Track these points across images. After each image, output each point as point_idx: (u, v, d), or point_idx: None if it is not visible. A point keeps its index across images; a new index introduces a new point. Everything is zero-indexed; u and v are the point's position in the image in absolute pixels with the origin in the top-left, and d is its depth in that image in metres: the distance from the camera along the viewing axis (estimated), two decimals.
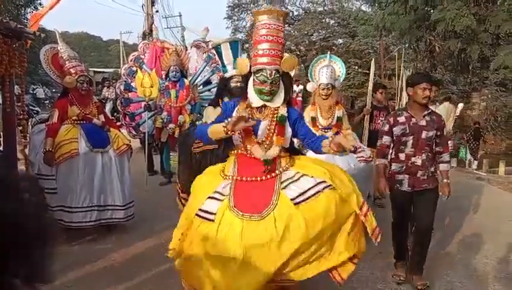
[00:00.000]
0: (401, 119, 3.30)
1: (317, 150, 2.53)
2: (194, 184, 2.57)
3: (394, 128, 3.31)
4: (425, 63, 11.09)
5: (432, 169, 3.33)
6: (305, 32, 21.58)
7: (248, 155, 2.43)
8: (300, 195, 2.25)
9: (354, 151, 4.08)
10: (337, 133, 4.17)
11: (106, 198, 4.23)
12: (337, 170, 2.55)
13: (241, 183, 2.36)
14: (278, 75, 2.40)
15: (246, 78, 2.52)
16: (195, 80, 6.20)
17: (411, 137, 3.26)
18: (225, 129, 2.29)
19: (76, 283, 3.31)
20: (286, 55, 2.45)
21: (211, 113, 3.94)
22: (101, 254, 3.86)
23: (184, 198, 3.86)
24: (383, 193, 3.42)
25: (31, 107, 11.60)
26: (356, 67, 20.08)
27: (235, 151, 2.51)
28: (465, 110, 13.48)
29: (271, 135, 2.44)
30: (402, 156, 3.30)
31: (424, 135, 3.24)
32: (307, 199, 2.23)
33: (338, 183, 2.36)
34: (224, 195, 2.32)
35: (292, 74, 2.73)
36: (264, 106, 2.47)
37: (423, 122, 3.26)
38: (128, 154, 4.49)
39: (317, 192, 2.25)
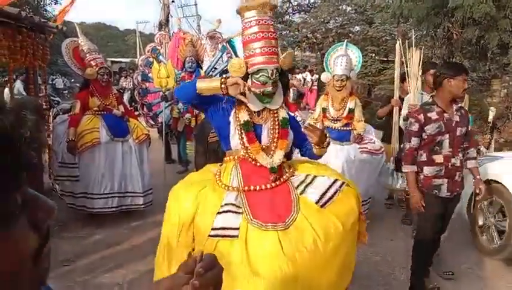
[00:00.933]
0: (433, 115, 2.86)
1: (313, 157, 2.38)
2: (176, 200, 2.20)
3: (426, 127, 2.86)
4: (443, 50, 10.91)
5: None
6: (322, 19, 21.29)
7: (252, 162, 2.20)
8: (322, 197, 2.12)
9: (359, 142, 4.15)
10: (346, 124, 4.21)
11: (126, 185, 4.41)
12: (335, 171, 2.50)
13: (251, 193, 2.13)
14: (278, 74, 2.20)
15: (244, 80, 2.19)
16: (210, 70, 6.29)
17: (447, 135, 2.86)
18: (223, 87, 2.08)
19: (99, 265, 3.50)
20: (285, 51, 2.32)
21: None
22: (122, 238, 4.04)
23: None
24: (418, 209, 2.94)
25: (51, 97, 11.87)
26: (373, 54, 19.77)
27: (234, 157, 2.25)
28: (486, 97, 13.24)
29: (275, 139, 2.25)
30: (439, 158, 2.89)
31: (458, 132, 2.88)
32: (330, 199, 2.12)
33: (348, 180, 2.32)
34: (239, 207, 2.07)
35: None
36: (263, 109, 2.28)
37: (457, 118, 2.90)
38: (147, 143, 4.65)
39: (336, 191, 2.15)
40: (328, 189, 2.15)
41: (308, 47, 22.91)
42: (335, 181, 2.19)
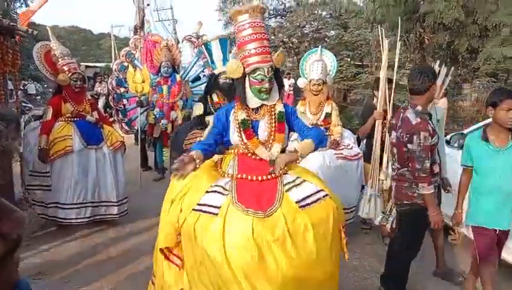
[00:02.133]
0: (431, 125, 2.80)
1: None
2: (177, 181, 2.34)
3: (433, 139, 2.75)
4: (416, 54, 11.17)
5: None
6: (298, 24, 21.50)
7: (250, 156, 2.38)
8: (303, 199, 2.24)
9: (335, 148, 4.15)
10: (324, 129, 4.21)
11: (100, 194, 4.31)
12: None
13: (242, 181, 2.32)
14: (273, 71, 2.38)
15: (240, 81, 2.40)
16: (187, 75, 6.24)
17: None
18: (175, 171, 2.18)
19: (73, 277, 3.39)
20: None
21: (198, 110, 4.03)
22: (98, 249, 3.94)
23: None
24: (439, 227, 2.84)
25: (23, 103, 11.55)
26: (348, 59, 20.07)
27: (235, 150, 2.44)
28: (457, 101, 13.60)
29: (272, 133, 2.41)
30: (436, 167, 2.87)
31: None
32: (310, 203, 2.23)
33: (332, 194, 2.39)
34: (227, 190, 2.26)
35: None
36: (260, 106, 2.44)
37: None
38: (121, 151, 4.55)
39: (319, 199, 2.26)
40: (311, 195, 2.27)
41: (285, 51, 23.08)
42: (320, 191, 2.31)
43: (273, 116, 2.43)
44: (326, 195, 2.30)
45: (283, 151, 2.49)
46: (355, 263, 3.75)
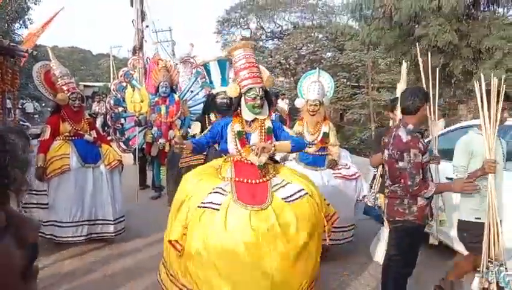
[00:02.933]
0: (423, 143, 2.84)
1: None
2: (189, 181, 2.93)
3: (424, 157, 2.81)
4: (411, 76, 11.35)
5: None
6: (294, 46, 21.84)
7: (244, 161, 2.92)
8: (289, 197, 2.76)
9: (333, 167, 4.19)
10: (322, 148, 4.26)
11: (97, 213, 4.29)
12: (311, 182, 3.07)
13: (240, 183, 2.82)
14: (263, 91, 2.98)
15: (237, 99, 3.05)
16: (185, 95, 6.30)
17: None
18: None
19: None
20: (265, 74, 3.16)
21: (195, 129, 4.08)
22: (94, 267, 3.90)
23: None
24: (474, 188, 2.76)
25: (21, 122, 11.57)
26: (345, 80, 20.34)
27: (231, 158, 2.98)
28: (453, 121, 13.74)
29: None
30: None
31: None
32: (294, 200, 2.74)
33: (313, 192, 2.88)
34: (226, 191, 2.74)
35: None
36: (253, 120, 3.03)
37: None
38: (119, 169, 4.55)
39: (299, 197, 2.76)
40: (294, 193, 2.79)
41: (282, 73, 23.35)
42: (300, 190, 2.82)
43: (263, 130, 3.03)
44: (306, 193, 2.80)
45: (271, 158, 3.07)
46: (356, 281, 3.75)
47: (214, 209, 2.62)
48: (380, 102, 17.20)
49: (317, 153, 4.22)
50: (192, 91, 6.33)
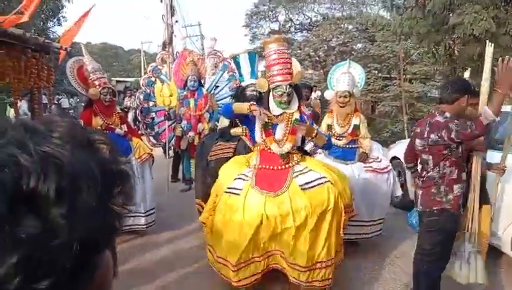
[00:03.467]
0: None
1: (319, 146, 3.48)
2: (222, 169, 3.26)
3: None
4: (445, 66, 10.96)
5: None
6: (324, 37, 21.50)
7: (268, 150, 3.11)
8: (306, 183, 2.91)
9: (364, 161, 4.11)
10: (352, 141, 4.19)
11: None
12: (339, 175, 3.18)
13: (261, 170, 3.05)
14: (291, 88, 3.06)
15: (266, 93, 3.17)
16: (212, 88, 6.34)
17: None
18: (248, 109, 3.04)
19: None
20: (296, 69, 3.24)
21: (224, 122, 4.07)
22: (126, 258, 3.97)
23: (198, 203, 3.99)
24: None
25: None
26: (376, 71, 19.89)
27: (258, 147, 3.20)
28: None
29: (286, 134, 3.11)
30: (464, 175, 2.81)
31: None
32: (311, 187, 2.90)
33: (336, 181, 3.00)
34: (248, 177, 3.01)
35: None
36: (281, 113, 3.14)
37: None
38: (150, 163, 4.62)
39: (319, 184, 2.90)
40: (314, 180, 2.93)
41: (311, 65, 23.08)
42: (321, 177, 2.95)
43: (289, 122, 3.13)
44: (328, 181, 2.92)
45: (301, 149, 3.32)
46: (385, 275, 3.69)
47: (236, 194, 2.93)
48: (412, 94, 16.73)
49: (347, 146, 4.15)
50: (218, 86, 6.35)
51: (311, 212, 2.79)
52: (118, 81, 27.75)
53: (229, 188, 3.00)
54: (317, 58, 22.50)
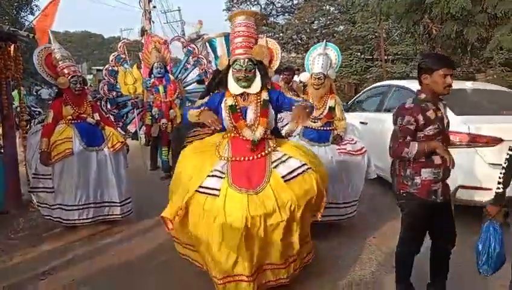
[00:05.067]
0: (431, 115, 2.60)
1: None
2: (187, 158, 2.93)
3: (427, 129, 2.58)
4: (425, 46, 10.99)
5: None
6: (306, 20, 21.39)
7: (240, 137, 2.84)
8: (288, 174, 2.70)
9: (338, 143, 4.10)
10: (328, 123, 4.17)
11: (102, 195, 4.33)
12: (315, 157, 3.06)
13: (236, 163, 2.76)
14: (251, 63, 2.81)
15: (226, 70, 2.90)
16: (178, 74, 6.26)
17: (441, 136, 2.66)
18: (197, 117, 2.83)
19: (77, 277, 3.39)
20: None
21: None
22: (102, 249, 3.95)
23: None
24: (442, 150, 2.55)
25: (32, 108, 11.71)
26: (358, 53, 19.90)
27: (228, 134, 2.89)
28: None
29: (258, 118, 2.85)
30: (437, 158, 2.60)
31: (446, 130, 2.76)
32: (295, 177, 2.70)
33: (316, 166, 2.89)
34: (223, 173, 2.70)
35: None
36: (247, 94, 2.87)
37: (444, 116, 2.70)
38: (124, 151, 4.55)
39: (303, 172, 2.73)
40: (295, 169, 2.73)
41: (294, 48, 22.96)
42: (303, 165, 2.76)
43: (259, 103, 2.87)
44: (309, 168, 2.76)
45: (275, 132, 3.06)
46: (363, 256, 3.71)
47: (214, 195, 2.63)
48: (394, 74, 16.80)
49: (322, 128, 4.14)
50: (185, 70, 6.29)
51: (297, 206, 2.62)
52: (98, 70, 27.30)
53: (202, 187, 2.68)
54: (300, 41, 22.38)
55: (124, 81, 5.41)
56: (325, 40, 4.61)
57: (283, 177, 2.68)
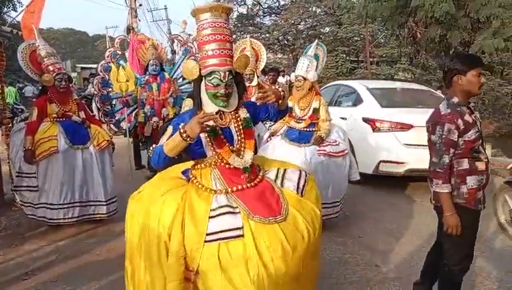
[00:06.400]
0: (469, 118, 2.42)
1: (282, 113, 2.43)
2: (164, 210, 2.04)
3: (468, 134, 2.40)
4: (409, 49, 11.17)
5: None
6: (292, 21, 21.48)
7: (226, 166, 2.19)
8: (298, 186, 2.27)
9: (319, 144, 4.15)
10: (311, 124, 4.21)
11: (88, 194, 4.29)
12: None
13: (240, 192, 2.15)
14: (232, 76, 2.17)
15: (196, 83, 2.22)
16: (175, 73, 6.22)
17: (480, 139, 2.49)
18: (184, 135, 1.97)
19: (61, 277, 3.36)
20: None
21: (188, 106, 3.95)
22: (86, 249, 3.90)
23: None
24: (457, 231, 2.40)
25: (15, 105, 11.49)
26: (344, 55, 20.08)
27: (209, 162, 2.22)
28: None
29: (242, 141, 2.25)
30: (481, 165, 2.46)
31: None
32: (303, 188, 2.28)
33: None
34: (234, 207, 2.07)
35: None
36: (222, 112, 2.23)
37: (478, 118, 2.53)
38: (109, 150, 4.52)
39: (306, 181, 2.32)
40: (299, 179, 2.29)
41: (280, 49, 23.05)
42: (301, 172, 2.36)
43: (240, 124, 2.26)
44: (306, 173, 2.39)
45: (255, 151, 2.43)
46: (347, 256, 3.75)
47: (235, 237, 1.96)
48: (379, 76, 17.01)
49: (305, 129, 4.19)
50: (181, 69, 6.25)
51: (317, 216, 2.24)
52: (83, 68, 26.94)
53: (210, 234, 1.96)
54: (286, 42, 22.47)
55: (117, 79, 5.34)
56: (317, 40, 4.65)
57: (296, 191, 2.26)
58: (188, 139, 1.99)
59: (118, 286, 3.24)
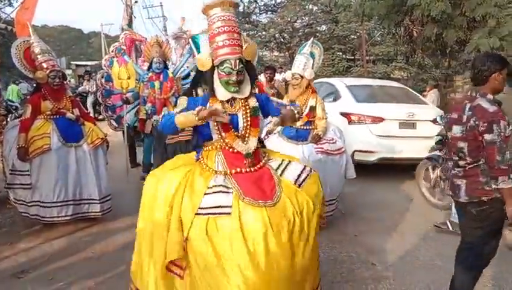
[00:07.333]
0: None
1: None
2: (167, 181, 2.30)
3: None
4: (405, 48, 11.18)
5: None
6: (289, 19, 21.43)
7: (229, 150, 2.38)
8: (297, 178, 2.38)
9: (316, 142, 4.15)
10: (308, 122, 4.21)
11: (82, 192, 4.26)
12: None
13: (238, 175, 2.32)
14: (242, 64, 2.38)
15: (210, 73, 2.43)
16: (178, 72, 6.18)
17: None
18: (196, 118, 2.25)
19: (56, 275, 3.34)
20: (247, 43, 2.46)
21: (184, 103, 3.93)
22: (82, 246, 3.89)
23: None
24: None
25: (9, 102, 11.41)
26: (340, 53, 20.09)
27: (215, 146, 2.41)
28: (449, 93, 13.64)
29: (248, 127, 2.43)
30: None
31: None
32: (303, 181, 2.38)
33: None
34: (229, 187, 2.24)
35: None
36: (234, 99, 2.43)
37: None
38: (103, 148, 4.48)
39: (308, 175, 2.42)
40: (301, 173, 2.41)
41: (276, 47, 23.01)
42: (305, 167, 2.47)
43: (248, 111, 2.44)
44: (311, 169, 2.48)
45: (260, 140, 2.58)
46: (343, 254, 3.75)
47: (223, 214, 2.14)
48: (375, 74, 17.05)
49: (302, 127, 4.19)
50: (185, 68, 6.20)
51: (315, 207, 2.32)
52: (77, 65, 26.83)
53: (202, 208, 2.17)
54: (282, 40, 22.44)
55: (118, 76, 5.29)
56: (312, 38, 4.64)
57: (294, 182, 2.36)
58: (200, 122, 2.28)
59: (113, 283, 3.24)
